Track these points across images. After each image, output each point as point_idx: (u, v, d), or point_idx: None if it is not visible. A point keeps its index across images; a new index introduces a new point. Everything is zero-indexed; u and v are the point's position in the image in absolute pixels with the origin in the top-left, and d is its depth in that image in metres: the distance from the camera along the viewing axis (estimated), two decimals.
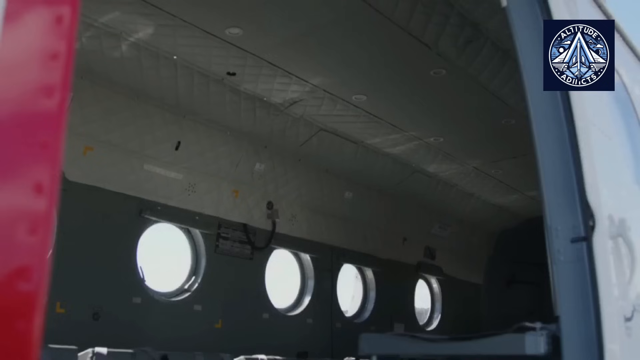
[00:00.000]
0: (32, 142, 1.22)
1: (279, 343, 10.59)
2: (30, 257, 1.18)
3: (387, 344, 5.18)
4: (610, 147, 4.87)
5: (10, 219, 1.18)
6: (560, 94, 4.17)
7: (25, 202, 1.20)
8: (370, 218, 13.17)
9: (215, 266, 10.39)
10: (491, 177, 13.29)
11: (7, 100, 1.23)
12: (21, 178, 1.20)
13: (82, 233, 8.76)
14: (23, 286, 1.14)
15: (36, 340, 1.11)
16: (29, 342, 1.11)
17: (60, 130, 1.25)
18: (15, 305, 1.14)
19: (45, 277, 1.17)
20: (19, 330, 1.11)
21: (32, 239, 1.18)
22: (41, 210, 1.22)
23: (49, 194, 1.21)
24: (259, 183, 11.00)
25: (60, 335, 7.65)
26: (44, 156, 1.22)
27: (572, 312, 3.98)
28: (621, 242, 4.27)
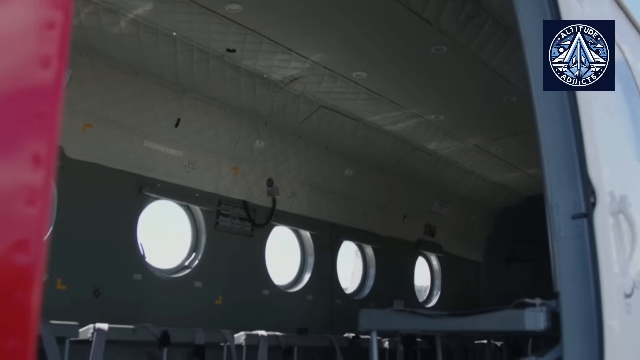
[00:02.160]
0: (28, 113, 1.20)
1: (279, 319, 10.63)
2: (29, 229, 1.17)
3: (387, 320, 5.20)
4: (612, 123, 4.85)
5: (7, 190, 1.17)
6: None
7: (22, 173, 1.18)
8: (370, 195, 13.17)
9: (215, 243, 10.40)
10: (492, 154, 13.27)
11: (3, 71, 1.21)
12: (18, 150, 1.19)
13: (82, 210, 8.77)
14: (21, 258, 1.12)
15: (35, 313, 1.11)
16: (27, 314, 1.10)
17: (57, 101, 1.23)
18: (14, 277, 1.13)
19: (43, 248, 1.16)
20: (18, 302, 1.10)
21: (30, 210, 1.16)
22: (39, 181, 1.20)
23: (47, 165, 1.20)
24: (259, 160, 10.98)
25: (61, 312, 7.69)
26: (41, 127, 1.20)
27: (572, 288, 3.98)
28: (622, 219, 4.26)
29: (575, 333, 3.94)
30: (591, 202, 4.01)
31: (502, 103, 10.43)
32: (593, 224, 3.99)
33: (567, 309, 3.98)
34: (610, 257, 4.05)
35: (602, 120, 4.48)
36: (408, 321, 5.11)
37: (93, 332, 7.74)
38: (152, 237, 10.04)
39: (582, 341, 3.90)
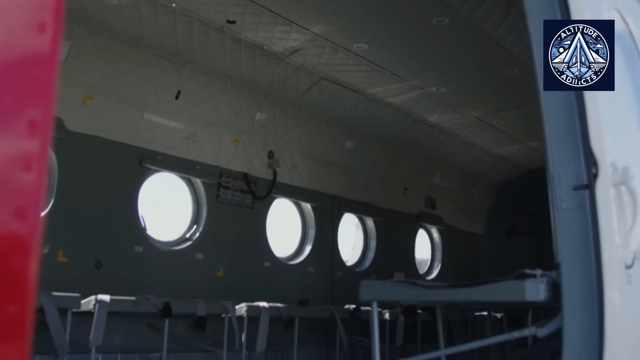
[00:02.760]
0: (24, 78, 1.18)
1: (280, 291, 10.67)
2: (26, 196, 1.16)
3: (388, 290, 5.21)
4: (615, 95, 4.82)
5: (4, 157, 1.15)
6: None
7: (19, 140, 1.17)
8: (371, 167, 13.16)
9: (216, 215, 10.42)
10: (493, 127, 13.23)
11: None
12: (14, 116, 1.17)
13: (83, 183, 8.78)
14: (19, 224, 1.11)
15: (33, 279, 1.10)
16: (25, 281, 1.09)
17: (53, 67, 1.21)
18: (12, 243, 1.12)
19: (40, 215, 1.15)
20: (16, 268, 1.09)
21: (27, 177, 1.15)
22: (36, 148, 1.19)
23: (43, 131, 1.18)
24: (260, 132, 10.96)
25: (63, 284, 7.74)
26: (38, 93, 1.19)
27: (572, 259, 3.99)
28: (624, 190, 4.24)
29: (576, 304, 3.95)
30: (593, 174, 4.00)
31: (504, 75, 10.37)
32: (595, 195, 3.98)
33: (567, 280, 3.99)
34: (611, 228, 4.04)
35: (605, 91, 4.45)
36: (409, 292, 5.12)
37: (95, 304, 7.78)
38: (153, 210, 10.05)
39: (582, 312, 3.91)
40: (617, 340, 3.89)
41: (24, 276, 1.09)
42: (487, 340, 5.91)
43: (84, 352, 7.87)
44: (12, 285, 1.09)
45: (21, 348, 1.09)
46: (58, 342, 7.27)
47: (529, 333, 4.54)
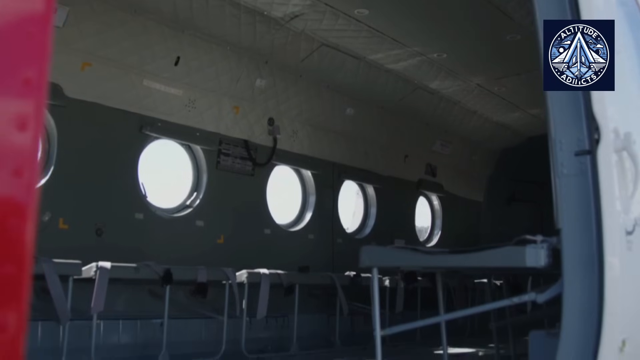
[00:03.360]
0: (18, 34, 1.16)
1: (280, 258, 10.71)
2: (21, 155, 1.14)
3: (388, 256, 5.22)
4: (618, 60, 4.77)
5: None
6: (569, 7, 4.06)
7: (13, 98, 1.15)
8: (371, 135, 13.12)
9: (216, 182, 10.42)
10: (494, 94, 13.16)
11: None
12: (8, 73, 1.15)
13: (83, 150, 8.76)
14: (15, 184, 1.10)
15: (30, 239, 1.08)
16: (22, 241, 1.08)
17: (48, 22, 1.19)
18: (8, 203, 1.10)
19: (36, 174, 1.13)
20: (12, 228, 1.08)
21: (22, 135, 1.13)
22: (31, 106, 1.17)
23: (38, 89, 1.16)
24: (260, 99, 10.90)
25: (64, 251, 7.76)
26: (32, 50, 1.16)
27: (573, 225, 3.98)
28: (625, 156, 4.23)
29: (576, 269, 3.95)
30: (595, 139, 3.98)
31: (505, 41, 10.28)
32: (596, 160, 3.96)
33: (568, 246, 3.99)
34: (612, 194, 4.03)
35: None
36: (409, 258, 5.12)
37: (96, 271, 7.81)
38: (153, 177, 10.05)
39: (582, 277, 3.92)
40: (617, 306, 3.90)
41: (20, 236, 1.08)
42: (487, 306, 5.93)
43: (85, 319, 7.92)
44: (10, 246, 1.08)
45: (19, 308, 1.08)
46: (60, 308, 7.31)
47: (528, 299, 4.55)
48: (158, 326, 8.80)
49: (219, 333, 9.22)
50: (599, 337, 3.82)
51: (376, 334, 5.15)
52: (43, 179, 8.33)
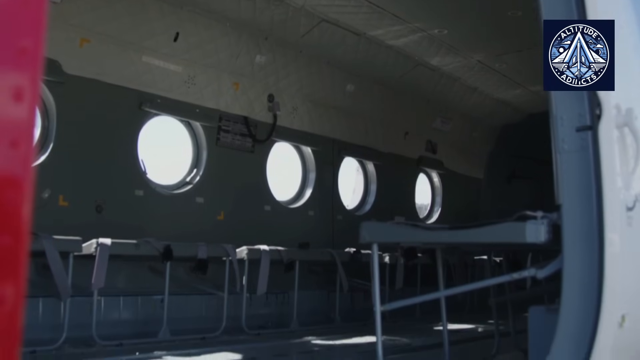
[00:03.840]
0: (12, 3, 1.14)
1: (280, 234, 10.72)
2: (17, 127, 1.12)
3: (388, 232, 5.22)
4: (620, 36, 4.74)
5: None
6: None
7: (8, 69, 1.13)
8: (371, 111, 13.08)
9: (216, 159, 10.40)
10: (495, 71, 13.09)
11: None
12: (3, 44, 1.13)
13: (82, 126, 8.74)
14: (11, 155, 1.09)
15: (27, 211, 1.07)
16: (19, 212, 1.07)
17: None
18: (4, 174, 1.09)
19: (31, 146, 1.12)
20: (9, 199, 1.07)
21: (18, 106, 1.12)
22: (26, 78, 1.15)
23: (34, 59, 1.15)
24: (260, 75, 10.85)
25: (64, 228, 7.77)
26: (27, 19, 1.15)
27: (574, 201, 3.98)
28: (627, 132, 4.21)
29: (576, 245, 3.95)
30: (596, 115, 3.96)
31: (506, 18, 10.19)
32: (597, 136, 3.95)
33: (568, 222, 3.98)
34: (613, 170, 4.02)
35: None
36: (409, 233, 5.12)
37: (96, 247, 7.83)
38: (153, 154, 10.04)
39: (582, 253, 3.92)
40: (616, 282, 3.91)
41: (17, 208, 1.07)
42: (487, 282, 5.94)
43: (86, 295, 7.94)
44: (7, 217, 1.07)
45: (17, 280, 1.07)
46: (60, 285, 7.34)
47: (528, 275, 4.56)
48: (158, 302, 8.83)
49: (219, 309, 9.26)
50: (598, 312, 3.83)
51: (376, 309, 5.16)
52: (42, 155, 8.32)
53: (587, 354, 3.83)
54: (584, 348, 3.84)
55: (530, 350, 4.76)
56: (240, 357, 7.13)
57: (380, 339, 5.13)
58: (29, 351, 6.72)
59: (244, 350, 7.55)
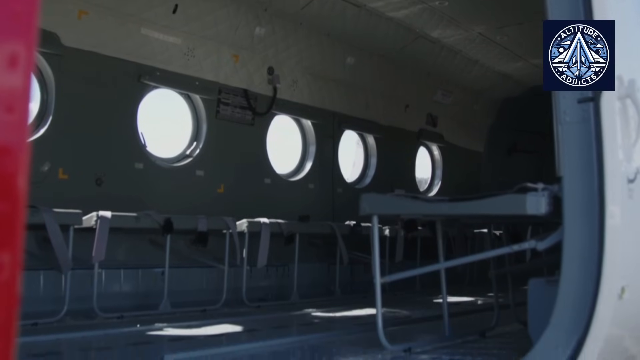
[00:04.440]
0: None
1: (281, 207, 10.72)
2: (12, 92, 1.11)
3: (388, 204, 5.21)
4: (623, 8, 4.70)
5: None
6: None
7: (3, 30, 1.11)
8: (372, 84, 13.02)
9: (216, 132, 10.37)
10: (496, 43, 13.01)
11: None
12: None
13: (81, 99, 8.70)
14: (7, 119, 1.07)
15: (23, 177, 1.06)
16: (15, 178, 1.06)
17: None
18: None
19: (28, 112, 1.10)
20: (5, 165, 1.06)
21: (13, 71, 1.10)
22: (21, 45, 1.13)
23: (29, 23, 1.13)
24: (260, 47, 10.78)
25: (64, 201, 7.77)
26: None
27: (574, 173, 3.97)
28: (629, 104, 4.19)
29: (577, 217, 3.95)
30: None
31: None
32: (599, 108, 3.93)
33: (569, 193, 3.98)
34: (615, 142, 4.01)
35: (613, 3, 4.34)
36: (409, 205, 5.11)
37: (96, 220, 7.83)
38: (153, 127, 10.00)
39: (582, 225, 3.92)
40: (616, 254, 3.91)
41: (14, 174, 1.06)
42: (487, 253, 5.96)
43: (87, 268, 7.96)
44: (3, 183, 1.06)
45: (14, 248, 1.06)
46: (61, 258, 7.35)
47: (528, 246, 4.56)
48: (159, 275, 8.85)
49: (219, 282, 9.29)
50: (598, 284, 3.83)
51: (376, 281, 5.18)
52: (41, 129, 8.29)
53: (586, 326, 3.84)
54: (584, 319, 3.85)
55: (529, 322, 4.79)
56: (240, 329, 7.16)
57: (380, 311, 5.15)
58: (31, 323, 6.75)
59: (245, 322, 7.58)
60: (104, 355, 5.60)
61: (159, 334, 6.68)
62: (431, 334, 6.21)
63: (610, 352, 4.27)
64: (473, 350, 5.33)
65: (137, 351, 5.62)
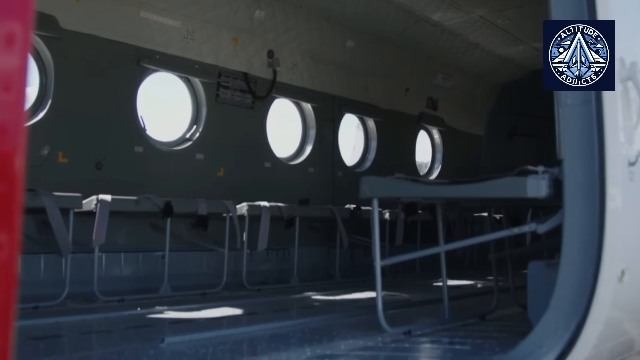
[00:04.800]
0: None
1: (281, 191, 10.72)
2: (9, 71, 1.10)
3: (389, 187, 5.20)
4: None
5: None
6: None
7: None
8: (372, 67, 12.97)
9: (216, 115, 10.35)
10: (497, 27, 12.95)
11: None
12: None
13: (81, 82, 8.68)
14: (4, 97, 1.06)
15: (20, 157, 1.05)
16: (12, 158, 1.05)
17: None
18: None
19: (25, 91, 1.09)
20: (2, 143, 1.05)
21: (9, 50, 1.09)
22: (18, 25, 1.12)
23: (24, 2, 1.11)
24: (259, 31, 10.74)
25: (64, 185, 7.77)
26: None
27: (575, 156, 3.96)
28: (630, 86, 4.18)
29: (577, 200, 3.94)
30: None
31: None
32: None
33: (569, 176, 3.97)
34: (616, 124, 4.00)
35: None
36: (410, 188, 5.11)
37: (96, 204, 7.83)
38: (152, 111, 9.98)
39: (583, 208, 3.91)
40: (617, 237, 3.91)
41: (11, 153, 1.05)
42: (487, 236, 5.96)
43: (87, 252, 7.97)
44: (0, 164, 1.05)
45: (12, 228, 1.06)
46: (61, 241, 7.35)
47: (529, 229, 4.56)
48: (159, 259, 8.87)
49: (219, 265, 9.30)
50: (598, 267, 3.84)
51: (376, 264, 5.18)
52: (41, 112, 8.27)
53: (586, 309, 3.85)
54: (583, 302, 3.86)
55: (529, 305, 4.79)
56: (241, 312, 7.18)
57: (380, 294, 5.15)
58: (32, 307, 6.77)
59: (245, 305, 7.60)
60: (104, 338, 5.62)
61: (159, 317, 6.70)
62: (431, 317, 6.22)
63: (610, 334, 4.28)
64: (473, 333, 5.34)
65: (138, 334, 5.63)
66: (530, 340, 3.92)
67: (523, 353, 3.87)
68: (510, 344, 4.20)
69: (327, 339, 5.13)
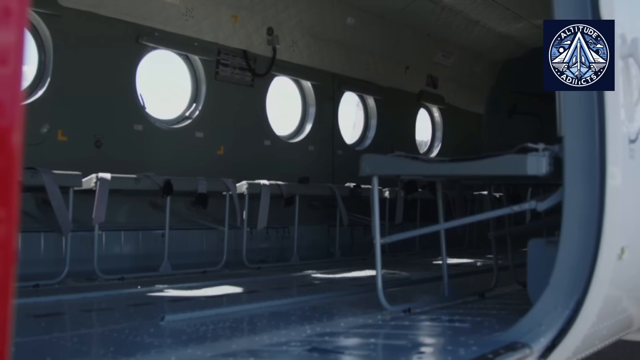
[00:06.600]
0: None
1: (280, 169, 10.73)
2: (6, 44, 1.08)
3: (389, 165, 5.19)
4: None
5: None
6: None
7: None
8: (372, 45, 12.91)
9: (215, 93, 10.32)
10: (497, 4, 12.86)
11: None
12: None
13: (79, 60, 8.65)
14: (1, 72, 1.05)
15: (18, 131, 1.04)
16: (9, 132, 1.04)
17: None
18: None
19: (21, 64, 1.08)
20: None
21: (6, 23, 1.08)
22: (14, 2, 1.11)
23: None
24: (259, 8, 10.67)
25: (63, 163, 7.76)
26: None
27: (576, 133, 3.94)
28: (631, 63, 4.15)
29: (577, 177, 3.93)
30: None
31: None
32: None
33: (570, 154, 3.96)
34: (616, 101, 3.98)
35: None
36: (410, 166, 5.10)
37: (96, 182, 7.82)
38: (152, 89, 9.95)
39: (583, 185, 3.91)
40: (617, 214, 3.91)
41: (9, 127, 1.04)
42: (487, 214, 5.95)
43: (87, 230, 7.99)
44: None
45: (10, 203, 1.05)
46: (61, 220, 7.36)
47: (529, 207, 4.55)
48: (159, 237, 8.89)
49: (219, 244, 9.32)
50: (598, 244, 3.84)
51: (376, 241, 5.18)
52: (40, 90, 8.25)
53: (585, 286, 3.86)
54: (583, 280, 3.86)
55: (529, 283, 4.80)
56: (241, 290, 7.20)
57: (380, 272, 5.16)
58: (32, 285, 6.79)
59: (245, 283, 7.62)
60: (105, 316, 5.64)
61: (159, 295, 6.71)
62: (431, 295, 6.23)
63: (609, 312, 4.29)
64: (472, 311, 5.35)
65: (138, 312, 5.65)
66: (529, 317, 3.93)
67: (522, 330, 3.88)
68: (510, 321, 4.21)
69: (327, 317, 5.14)
